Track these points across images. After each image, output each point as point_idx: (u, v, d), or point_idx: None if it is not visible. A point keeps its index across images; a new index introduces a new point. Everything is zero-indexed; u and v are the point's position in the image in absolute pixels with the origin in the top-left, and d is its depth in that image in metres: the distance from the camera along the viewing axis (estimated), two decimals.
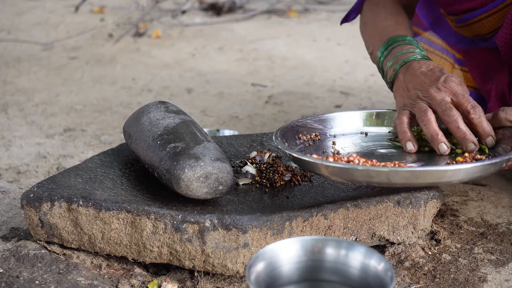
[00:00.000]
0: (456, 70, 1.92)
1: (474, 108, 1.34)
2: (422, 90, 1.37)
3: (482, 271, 1.38)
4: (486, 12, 1.59)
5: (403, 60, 1.46)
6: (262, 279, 1.06)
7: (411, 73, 1.41)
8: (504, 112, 1.36)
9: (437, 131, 1.33)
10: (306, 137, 1.47)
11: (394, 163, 1.29)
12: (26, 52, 3.25)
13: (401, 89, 1.43)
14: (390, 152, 1.42)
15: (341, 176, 1.26)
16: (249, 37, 3.54)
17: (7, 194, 1.72)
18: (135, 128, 1.48)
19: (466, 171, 1.23)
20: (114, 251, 1.35)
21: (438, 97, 1.34)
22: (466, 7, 1.62)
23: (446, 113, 1.32)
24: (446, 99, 1.34)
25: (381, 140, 1.48)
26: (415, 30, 1.96)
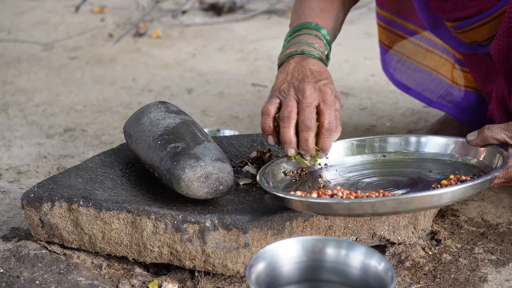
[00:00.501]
0: (456, 70, 1.92)
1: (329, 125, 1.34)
2: (300, 82, 1.38)
3: (483, 271, 1.38)
4: (481, 20, 1.59)
5: (303, 50, 1.45)
6: (262, 279, 1.06)
7: (302, 64, 1.42)
8: (489, 131, 1.35)
9: (291, 138, 1.34)
10: (292, 172, 1.43)
11: (379, 192, 1.27)
12: (26, 52, 3.25)
13: (285, 73, 1.43)
14: (375, 181, 1.39)
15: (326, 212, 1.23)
16: (249, 37, 3.54)
17: (8, 194, 1.72)
18: (135, 128, 1.48)
19: (453, 194, 1.19)
20: (115, 251, 1.35)
21: (308, 99, 1.35)
22: (461, 15, 1.62)
23: (305, 123, 1.33)
24: (313, 104, 1.35)
25: (366, 169, 1.46)
26: (415, 29, 1.95)
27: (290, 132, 1.34)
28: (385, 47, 2.03)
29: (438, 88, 1.96)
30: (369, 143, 1.50)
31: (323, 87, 1.37)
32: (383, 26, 2.00)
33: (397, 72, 2.03)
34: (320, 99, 1.36)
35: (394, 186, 1.34)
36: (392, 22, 1.97)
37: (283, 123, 1.35)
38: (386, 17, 1.97)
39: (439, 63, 1.94)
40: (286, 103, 1.36)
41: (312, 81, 1.38)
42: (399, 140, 1.49)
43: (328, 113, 1.35)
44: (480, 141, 1.36)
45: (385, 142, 1.49)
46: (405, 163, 1.45)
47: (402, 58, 2.01)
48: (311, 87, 1.36)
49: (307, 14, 1.55)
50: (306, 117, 1.33)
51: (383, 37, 2.02)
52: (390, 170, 1.42)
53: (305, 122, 1.33)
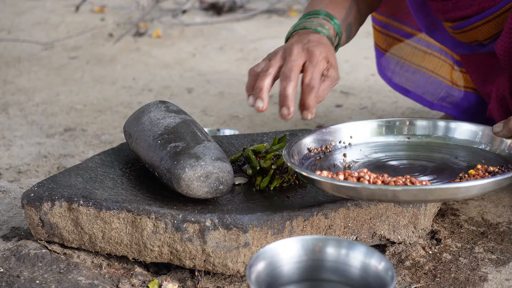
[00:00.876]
0: (455, 72, 1.92)
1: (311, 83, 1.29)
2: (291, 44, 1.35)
3: (483, 270, 1.38)
4: (483, 19, 1.58)
5: (305, 26, 1.43)
6: (262, 278, 1.06)
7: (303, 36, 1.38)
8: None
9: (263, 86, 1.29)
10: (317, 149, 1.45)
11: (406, 177, 1.27)
12: (26, 52, 3.25)
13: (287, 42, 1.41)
14: (402, 164, 1.39)
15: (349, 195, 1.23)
16: (250, 36, 3.54)
17: (8, 193, 1.72)
18: (135, 128, 1.48)
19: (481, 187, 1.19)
20: (115, 251, 1.35)
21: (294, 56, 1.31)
22: (462, 14, 1.61)
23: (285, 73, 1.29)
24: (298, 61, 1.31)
25: (391, 151, 1.46)
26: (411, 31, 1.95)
27: (262, 82, 1.30)
28: (381, 50, 2.02)
29: (438, 90, 1.96)
30: (396, 124, 1.50)
31: (312, 47, 1.33)
32: (378, 29, 1.99)
33: (396, 76, 2.03)
34: (306, 58, 1.32)
35: (420, 172, 1.35)
36: (388, 25, 1.97)
37: (263, 72, 1.31)
38: (382, 20, 1.97)
39: (438, 65, 1.94)
40: (271, 62, 1.33)
41: (304, 43, 1.34)
42: (427, 124, 1.49)
43: (311, 71, 1.30)
44: (507, 132, 1.36)
45: (412, 124, 1.49)
46: (432, 147, 1.45)
47: (400, 61, 2.00)
48: (299, 47, 1.33)
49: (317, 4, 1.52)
50: (286, 68, 1.30)
51: (379, 41, 2.01)
52: (416, 154, 1.42)
53: (284, 72, 1.29)
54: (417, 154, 1.43)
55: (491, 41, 1.63)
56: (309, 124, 2.25)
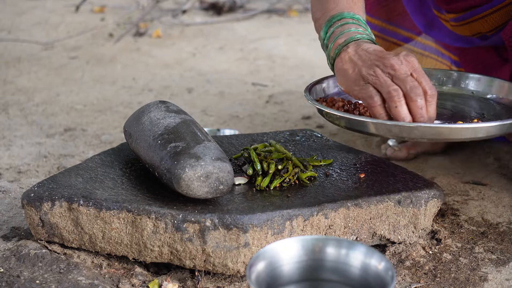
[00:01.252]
0: None
1: (431, 90, 1.29)
2: (382, 59, 1.31)
3: (483, 270, 1.38)
4: (491, 9, 1.56)
5: (355, 36, 1.38)
6: (262, 278, 1.06)
7: (362, 48, 1.34)
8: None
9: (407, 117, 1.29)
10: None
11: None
12: (26, 52, 3.25)
13: (350, 62, 1.35)
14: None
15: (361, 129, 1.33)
16: (250, 36, 3.54)
17: (8, 193, 1.72)
18: (135, 128, 1.48)
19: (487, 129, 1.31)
20: (115, 251, 1.35)
21: (401, 70, 1.28)
22: (469, 4, 1.60)
23: (414, 92, 1.27)
24: (409, 73, 1.29)
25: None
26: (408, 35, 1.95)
27: (405, 110, 1.28)
28: None
29: None
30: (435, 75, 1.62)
31: (406, 57, 1.31)
32: (375, 34, 1.99)
33: None
34: (410, 69, 1.30)
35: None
36: (384, 30, 1.97)
37: (393, 102, 1.28)
38: (378, 25, 1.97)
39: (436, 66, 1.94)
40: (383, 82, 1.29)
41: (393, 54, 1.31)
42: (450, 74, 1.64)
43: (424, 80, 1.29)
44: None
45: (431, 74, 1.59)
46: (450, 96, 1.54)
47: None
48: (396, 59, 1.30)
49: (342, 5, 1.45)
50: (411, 86, 1.27)
51: None
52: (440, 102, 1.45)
53: (413, 91, 1.27)
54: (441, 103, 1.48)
55: (496, 32, 1.62)
56: (309, 124, 2.25)
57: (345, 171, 1.49)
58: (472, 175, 1.80)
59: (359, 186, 1.43)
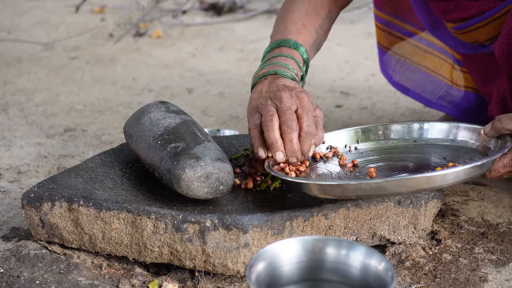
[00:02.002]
0: (456, 71, 1.92)
1: (308, 128, 1.35)
2: (276, 92, 1.39)
3: (483, 271, 1.38)
4: (483, 21, 1.59)
5: (275, 70, 1.47)
6: (262, 279, 1.06)
7: (275, 82, 1.43)
8: (499, 122, 1.38)
9: (277, 139, 1.34)
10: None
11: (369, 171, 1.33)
12: (26, 52, 3.25)
13: (258, 92, 1.44)
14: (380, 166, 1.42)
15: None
16: (250, 37, 3.54)
17: (8, 194, 1.72)
18: (135, 128, 1.48)
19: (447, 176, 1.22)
20: (115, 251, 1.35)
21: (286, 103, 1.36)
22: (463, 15, 1.61)
23: (287, 124, 1.34)
24: (292, 108, 1.36)
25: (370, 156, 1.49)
26: (413, 30, 1.95)
27: (275, 134, 1.34)
28: (383, 49, 2.03)
29: (437, 89, 1.96)
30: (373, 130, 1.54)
31: (299, 93, 1.38)
32: (381, 27, 2.00)
33: (396, 74, 2.03)
34: (297, 104, 1.37)
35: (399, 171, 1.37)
36: (390, 23, 1.97)
37: (266, 127, 1.35)
38: (384, 18, 1.97)
39: (438, 64, 1.94)
40: (266, 110, 1.37)
41: (287, 89, 1.39)
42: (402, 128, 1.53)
43: (306, 117, 1.36)
44: (494, 133, 1.39)
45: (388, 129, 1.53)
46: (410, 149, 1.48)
47: (401, 60, 2.00)
48: (287, 93, 1.38)
49: (289, 29, 1.57)
50: (287, 119, 1.34)
51: (381, 39, 2.02)
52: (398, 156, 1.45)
53: (287, 123, 1.34)
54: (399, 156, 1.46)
55: (491, 42, 1.63)
56: None
57: None
58: None
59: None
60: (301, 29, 1.58)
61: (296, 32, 1.56)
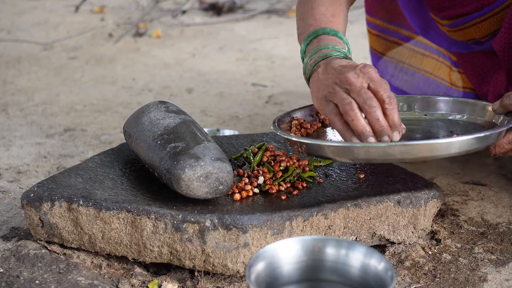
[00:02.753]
0: (454, 73, 1.92)
1: (389, 98, 1.30)
2: (339, 75, 1.33)
3: (483, 270, 1.38)
4: (482, 16, 1.58)
5: (325, 54, 1.42)
6: (262, 278, 1.06)
7: (331, 65, 1.38)
8: (508, 98, 1.38)
9: (365, 126, 1.29)
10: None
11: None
12: (26, 52, 3.25)
13: (317, 81, 1.39)
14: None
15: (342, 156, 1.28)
16: (249, 37, 3.54)
17: (8, 193, 1.72)
18: (135, 128, 1.48)
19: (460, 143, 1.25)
20: (115, 251, 1.35)
21: (357, 83, 1.30)
22: (461, 11, 1.61)
23: (368, 103, 1.28)
24: (364, 86, 1.30)
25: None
26: (409, 34, 1.95)
27: (362, 121, 1.29)
28: (379, 54, 2.02)
29: (437, 91, 1.96)
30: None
31: (363, 68, 1.33)
32: (375, 33, 1.99)
33: (395, 79, 2.02)
34: (367, 80, 1.31)
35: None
36: (385, 29, 1.97)
37: (349, 116, 1.29)
38: (379, 24, 1.97)
39: (436, 67, 1.94)
40: (340, 98, 1.31)
41: (350, 69, 1.33)
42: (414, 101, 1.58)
43: (382, 89, 1.30)
44: (502, 110, 1.40)
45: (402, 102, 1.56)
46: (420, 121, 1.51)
47: (399, 65, 2.00)
48: (352, 73, 1.32)
49: (320, 20, 1.51)
50: (366, 98, 1.28)
51: (375, 45, 2.01)
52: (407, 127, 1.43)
53: (367, 102, 1.28)
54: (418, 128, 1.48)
55: (489, 39, 1.63)
56: None
57: (344, 172, 1.50)
58: (472, 175, 1.80)
59: (358, 186, 1.43)
60: (331, 18, 1.52)
61: (328, 22, 1.50)
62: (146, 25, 3.72)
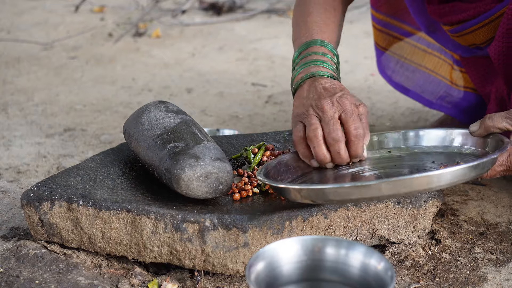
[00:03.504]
0: (455, 71, 1.92)
1: (356, 130, 1.35)
2: (317, 100, 1.38)
3: (482, 270, 1.38)
4: (479, 23, 1.59)
5: (312, 72, 1.46)
6: (262, 278, 1.06)
7: (314, 86, 1.42)
8: (491, 120, 1.35)
9: (325, 155, 1.34)
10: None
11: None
12: (26, 52, 3.25)
13: (300, 98, 1.43)
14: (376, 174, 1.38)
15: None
16: (249, 36, 3.54)
17: (7, 193, 1.72)
18: (135, 128, 1.48)
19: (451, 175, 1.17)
20: (114, 251, 1.35)
21: (329, 113, 1.35)
22: (458, 18, 1.61)
23: (331, 136, 1.34)
24: (335, 116, 1.35)
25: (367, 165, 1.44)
26: (411, 30, 1.95)
27: (322, 150, 1.35)
28: (381, 49, 2.03)
29: (437, 89, 1.96)
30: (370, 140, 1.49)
31: (339, 98, 1.38)
32: (379, 28, 2.00)
33: (396, 74, 2.03)
34: (340, 110, 1.36)
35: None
36: (388, 24, 1.97)
37: (312, 143, 1.35)
38: (382, 19, 1.97)
39: (438, 64, 1.94)
40: (309, 122, 1.36)
41: (328, 96, 1.38)
42: (397, 136, 1.50)
43: (351, 121, 1.35)
44: (483, 131, 1.37)
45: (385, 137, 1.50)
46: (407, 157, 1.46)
47: (400, 60, 2.00)
48: (328, 101, 1.37)
49: (312, 29, 1.55)
50: (331, 130, 1.34)
51: (379, 39, 2.02)
52: (393, 164, 1.42)
53: (331, 135, 1.34)
54: (394, 164, 1.43)
55: (487, 45, 1.63)
56: None
57: None
58: None
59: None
60: (323, 27, 1.56)
61: (320, 31, 1.54)
62: (146, 25, 3.72)
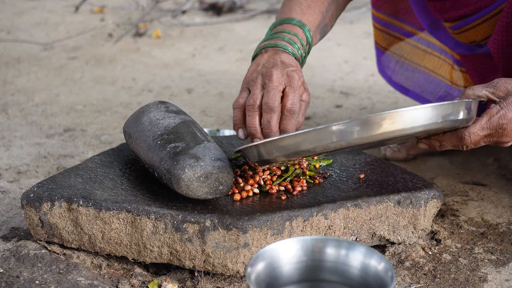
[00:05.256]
0: (455, 71, 1.92)
1: (292, 105, 1.33)
2: (268, 69, 1.37)
3: (483, 271, 1.38)
4: (480, 18, 1.59)
5: (277, 43, 1.45)
6: (262, 279, 1.06)
7: (274, 57, 1.41)
8: (471, 89, 1.35)
9: (256, 126, 1.33)
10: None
11: None
12: (26, 52, 3.25)
13: (256, 64, 1.43)
14: None
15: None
16: (249, 37, 3.54)
17: (7, 194, 1.72)
18: (135, 128, 1.48)
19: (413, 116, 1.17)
20: (114, 251, 1.35)
21: (275, 82, 1.34)
22: (460, 13, 1.61)
23: (268, 104, 1.32)
24: (279, 88, 1.34)
25: None
26: (412, 30, 1.95)
27: (254, 121, 1.34)
28: (381, 49, 2.03)
29: (437, 89, 1.96)
30: None
31: (291, 72, 1.37)
32: (379, 28, 2.00)
33: (396, 74, 2.03)
34: (286, 83, 1.35)
35: None
36: (388, 24, 1.97)
37: (248, 111, 1.34)
38: (383, 19, 1.97)
39: (438, 64, 1.94)
40: (253, 91, 1.36)
41: (281, 67, 1.37)
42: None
43: (292, 95, 1.34)
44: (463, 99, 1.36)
45: None
46: None
47: (400, 60, 2.01)
48: (278, 71, 1.36)
49: (293, 9, 1.55)
50: (269, 98, 1.33)
51: (379, 39, 2.02)
52: None
53: (267, 103, 1.33)
54: None
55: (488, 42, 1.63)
56: (307, 124, 2.25)
57: (344, 172, 1.50)
58: (472, 175, 1.80)
59: (358, 186, 1.43)
60: (306, 9, 1.56)
61: (300, 12, 1.54)
62: (146, 25, 3.72)
